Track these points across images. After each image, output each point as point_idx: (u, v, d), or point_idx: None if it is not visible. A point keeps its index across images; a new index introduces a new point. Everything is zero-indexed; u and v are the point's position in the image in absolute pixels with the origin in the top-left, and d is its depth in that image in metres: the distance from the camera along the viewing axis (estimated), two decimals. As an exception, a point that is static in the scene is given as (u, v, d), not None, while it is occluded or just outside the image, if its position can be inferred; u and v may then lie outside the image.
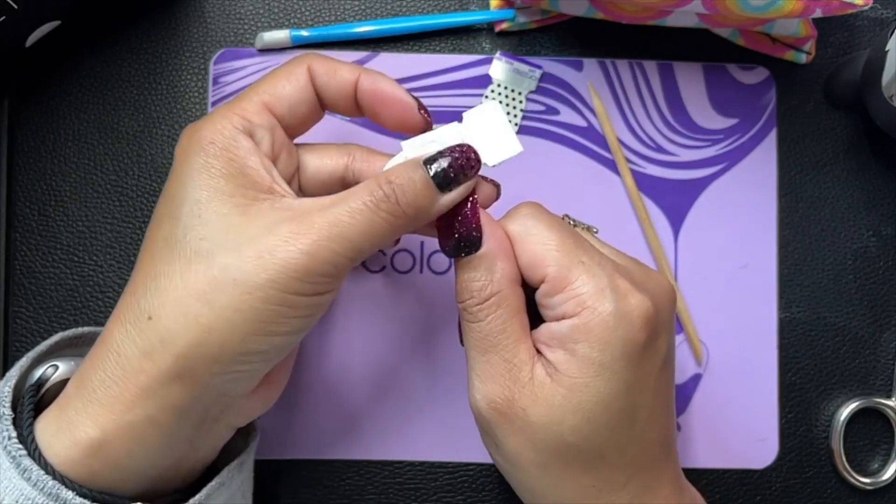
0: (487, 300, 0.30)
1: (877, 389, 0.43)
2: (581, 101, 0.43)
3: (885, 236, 0.43)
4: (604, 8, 0.41)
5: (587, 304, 0.30)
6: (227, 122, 0.30)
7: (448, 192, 0.30)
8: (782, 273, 0.43)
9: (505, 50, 0.44)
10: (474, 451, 0.42)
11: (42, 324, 0.42)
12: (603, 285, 0.30)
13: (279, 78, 0.32)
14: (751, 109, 0.44)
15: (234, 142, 0.30)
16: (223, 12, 0.44)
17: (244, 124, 0.30)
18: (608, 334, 0.29)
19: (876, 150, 0.44)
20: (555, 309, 0.30)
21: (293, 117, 0.32)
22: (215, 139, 0.29)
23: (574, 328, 0.30)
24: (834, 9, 0.37)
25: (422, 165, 0.30)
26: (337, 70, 0.32)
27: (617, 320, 0.29)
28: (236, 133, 0.30)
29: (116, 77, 0.43)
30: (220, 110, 0.31)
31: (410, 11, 0.44)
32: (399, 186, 0.29)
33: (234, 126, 0.30)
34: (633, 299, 0.30)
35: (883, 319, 0.43)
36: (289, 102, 0.32)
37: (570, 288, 0.30)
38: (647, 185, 0.43)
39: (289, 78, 0.32)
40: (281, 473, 0.41)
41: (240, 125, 0.30)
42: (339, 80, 0.32)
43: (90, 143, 0.43)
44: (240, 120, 0.30)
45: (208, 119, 0.30)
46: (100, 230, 0.43)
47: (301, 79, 0.32)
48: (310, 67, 0.32)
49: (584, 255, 0.31)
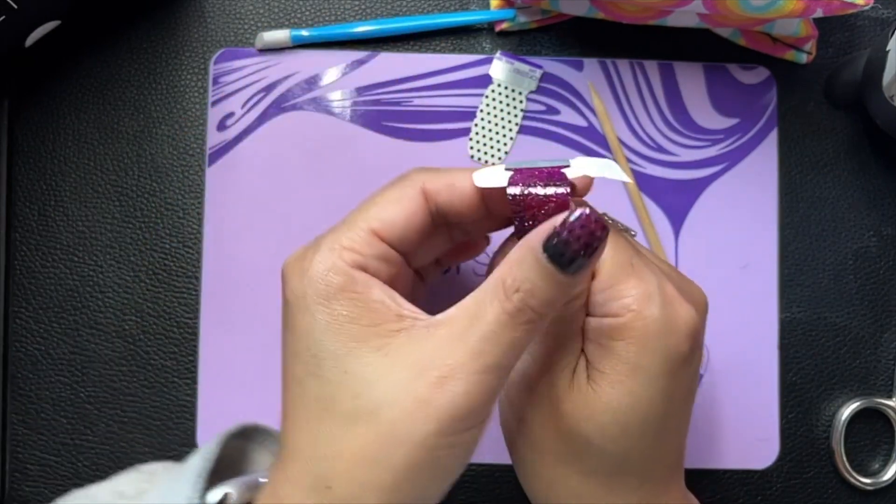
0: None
1: (877, 390, 0.43)
2: (581, 101, 0.43)
3: (886, 236, 0.43)
4: (604, 8, 0.41)
5: (633, 306, 0.28)
6: (338, 260, 0.28)
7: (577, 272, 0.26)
8: (783, 273, 0.43)
9: (505, 50, 0.44)
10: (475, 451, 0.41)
11: (42, 324, 0.42)
12: (652, 290, 0.28)
13: (388, 201, 0.30)
14: (751, 109, 0.44)
15: (350, 280, 0.28)
16: (223, 12, 0.44)
17: (356, 259, 0.28)
18: (650, 340, 0.28)
19: (876, 150, 0.44)
20: (602, 306, 0.29)
21: (404, 243, 0.30)
22: (331, 281, 0.28)
23: (616, 327, 0.28)
24: (835, 9, 0.37)
25: (542, 256, 0.26)
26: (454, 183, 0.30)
27: (662, 327, 0.28)
28: (349, 270, 0.28)
29: (116, 77, 0.43)
30: (326, 242, 0.29)
31: (410, 11, 0.44)
32: (527, 293, 0.26)
33: (345, 262, 0.28)
34: (680, 308, 0.29)
35: (884, 319, 0.43)
36: (400, 230, 0.29)
37: (618, 287, 0.29)
38: (648, 184, 0.43)
39: (400, 202, 0.29)
40: (281, 474, 0.41)
41: (351, 260, 0.28)
42: (460, 192, 0.30)
43: (90, 143, 0.43)
44: (350, 254, 0.28)
45: (316, 254, 0.28)
46: (100, 230, 0.43)
47: (413, 202, 0.30)
48: (425, 189, 0.30)
49: (635, 257, 0.29)
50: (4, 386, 0.42)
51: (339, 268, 0.28)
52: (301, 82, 0.43)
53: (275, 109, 0.43)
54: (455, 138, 0.43)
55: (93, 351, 0.42)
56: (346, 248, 0.28)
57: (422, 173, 0.30)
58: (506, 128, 0.43)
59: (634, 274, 0.29)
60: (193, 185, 0.43)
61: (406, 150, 0.43)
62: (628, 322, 0.28)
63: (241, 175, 0.43)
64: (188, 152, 0.43)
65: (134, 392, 0.42)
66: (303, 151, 0.43)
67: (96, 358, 0.42)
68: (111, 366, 0.42)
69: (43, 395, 0.42)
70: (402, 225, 0.29)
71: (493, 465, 0.42)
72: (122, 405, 0.42)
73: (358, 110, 0.43)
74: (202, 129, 0.43)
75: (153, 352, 0.42)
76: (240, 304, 0.42)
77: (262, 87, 0.43)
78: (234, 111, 0.43)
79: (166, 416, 0.42)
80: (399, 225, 0.29)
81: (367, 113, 0.43)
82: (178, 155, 0.43)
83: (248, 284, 0.42)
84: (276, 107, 0.43)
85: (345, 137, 0.43)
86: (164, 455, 0.42)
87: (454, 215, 0.30)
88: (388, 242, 0.29)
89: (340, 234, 0.29)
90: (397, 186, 0.30)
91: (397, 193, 0.30)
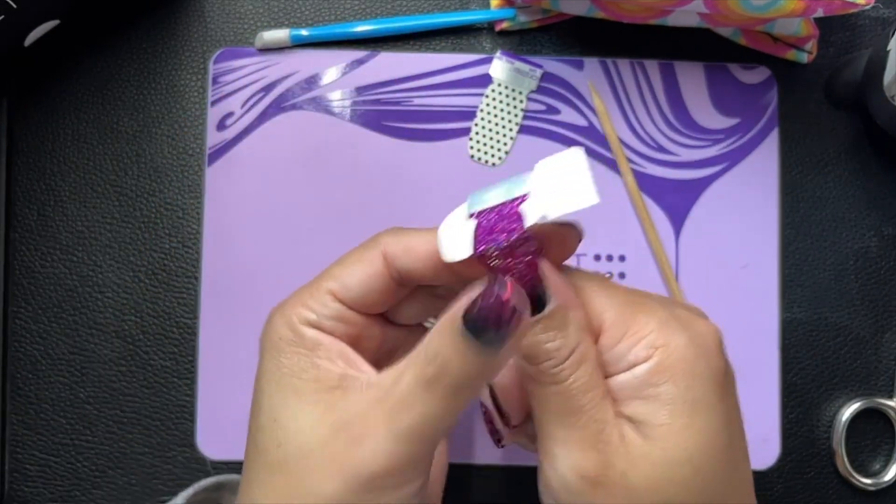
0: (567, 359, 0.27)
1: (878, 390, 0.43)
2: (582, 101, 0.43)
3: (887, 236, 0.43)
4: (605, 7, 0.41)
5: (658, 342, 0.26)
6: (294, 316, 0.29)
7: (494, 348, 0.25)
8: (784, 273, 0.43)
9: (505, 49, 0.44)
10: (474, 451, 0.41)
11: (41, 324, 0.42)
12: (666, 317, 0.27)
13: (350, 262, 0.30)
14: (752, 109, 0.43)
15: (299, 337, 0.29)
16: (223, 12, 0.44)
17: (309, 317, 0.29)
18: (691, 367, 0.26)
19: (877, 150, 0.44)
20: (623, 359, 0.27)
21: (364, 304, 0.30)
22: (283, 335, 0.29)
23: (651, 372, 0.26)
24: (835, 8, 0.37)
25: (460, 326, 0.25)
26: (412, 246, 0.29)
27: (695, 349, 0.26)
28: (300, 327, 0.29)
29: (116, 77, 0.43)
30: (292, 299, 0.30)
31: (410, 11, 0.44)
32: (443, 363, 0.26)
33: (298, 319, 0.29)
34: (699, 324, 0.27)
35: (885, 319, 0.43)
36: (358, 291, 0.29)
37: (632, 331, 0.27)
38: (648, 184, 0.43)
39: (360, 263, 0.30)
40: (281, 474, 0.41)
41: (303, 319, 0.29)
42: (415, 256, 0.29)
43: (89, 143, 0.43)
44: (304, 312, 0.29)
45: (281, 308, 0.30)
46: (99, 230, 0.43)
47: (372, 266, 0.29)
48: (385, 252, 0.29)
49: (632, 294, 0.28)
50: (4, 386, 0.42)
51: (291, 324, 0.29)
52: (301, 82, 0.43)
53: (274, 109, 0.43)
54: (455, 138, 0.43)
55: (92, 351, 0.42)
56: (303, 307, 0.29)
57: (385, 235, 0.30)
58: (506, 127, 0.43)
59: (643, 309, 0.27)
60: (193, 185, 0.43)
61: (406, 150, 0.43)
62: (661, 360, 0.26)
63: (241, 175, 0.43)
64: (188, 152, 0.43)
65: (133, 392, 0.42)
66: (302, 151, 0.43)
67: (96, 358, 0.42)
68: (111, 366, 0.42)
69: (42, 395, 0.42)
70: (359, 287, 0.29)
71: (493, 466, 0.42)
72: (122, 405, 0.42)
73: (358, 110, 0.43)
74: (202, 128, 0.43)
75: (152, 352, 0.42)
76: (239, 305, 0.42)
77: (262, 86, 0.43)
78: (234, 111, 0.43)
79: (166, 416, 0.42)
80: (356, 287, 0.29)
81: (367, 113, 0.43)
82: (178, 155, 0.43)
83: (248, 284, 0.42)
84: (275, 106, 0.43)
85: (345, 137, 0.43)
86: (164, 455, 0.42)
87: (418, 278, 0.30)
88: (345, 303, 0.29)
89: (305, 291, 0.30)
90: (360, 248, 0.30)
91: (358, 255, 0.30)
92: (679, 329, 0.26)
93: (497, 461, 0.41)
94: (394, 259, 0.29)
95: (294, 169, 0.43)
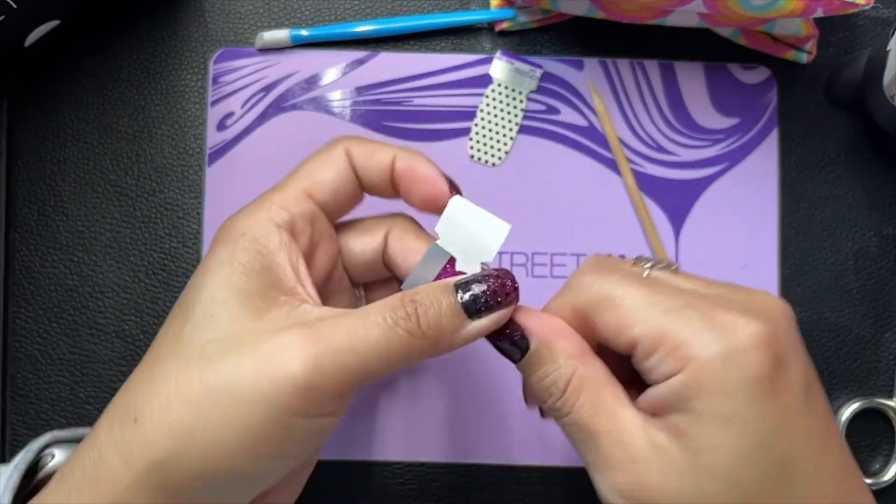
0: (565, 390, 0.27)
1: (878, 390, 0.43)
2: (582, 101, 0.43)
3: (887, 236, 0.43)
4: (605, 7, 0.41)
5: (688, 354, 0.25)
6: (264, 214, 0.29)
7: (478, 319, 0.27)
8: (783, 273, 0.43)
9: (505, 49, 0.44)
10: (474, 451, 0.41)
11: (41, 324, 0.42)
12: (699, 327, 0.26)
13: (318, 163, 0.31)
14: (752, 109, 0.43)
15: (266, 234, 0.28)
16: (223, 12, 0.44)
17: (282, 215, 0.29)
18: (722, 381, 0.25)
19: (877, 150, 0.44)
20: (656, 370, 0.26)
21: (335, 203, 0.31)
22: (247, 230, 0.28)
23: (683, 386, 0.25)
24: (835, 8, 0.37)
25: (451, 289, 0.27)
26: (374, 152, 0.31)
27: (727, 360, 0.25)
28: (271, 226, 0.28)
29: (116, 77, 0.43)
30: (259, 200, 0.29)
31: (410, 11, 0.44)
32: (423, 307, 0.27)
33: (270, 217, 0.28)
34: (739, 330, 0.25)
35: (884, 319, 0.43)
36: (331, 188, 0.30)
37: (664, 343, 0.26)
38: (648, 184, 0.43)
39: (328, 162, 0.30)
40: (281, 474, 0.41)
41: (278, 217, 0.29)
42: (377, 161, 0.30)
43: (90, 143, 0.43)
44: (278, 210, 0.29)
45: (247, 208, 0.29)
46: (99, 230, 0.43)
47: (340, 163, 0.30)
48: (347, 150, 0.31)
49: (667, 301, 0.27)
50: (4, 386, 0.42)
51: (261, 221, 0.28)
52: (301, 82, 0.43)
53: (275, 109, 0.43)
54: (455, 138, 0.43)
55: (92, 351, 0.42)
56: (276, 205, 0.29)
57: (347, 139, 0.31)
58: (506, 128, 0.43)
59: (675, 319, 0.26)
60: (193, 185, 0.43)
61: (406, 150, 0.43)
62: (691, 375, 0.25)
63: (241, 175, 0.43)
64: (188, 152, 0.43)
65: (134, 392, 0.42)
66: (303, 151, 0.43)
67: (96, 358, 0.42)
68: (111, 366, 0.42)
69: (42, 395, 0.42)
70: (332, 183, 0.30)
71: (493, 466, 0.42)
72: (122, 405, 0.42)
73: (358, 110, 0.43)
74: (202, 128, 0.43)
75: (153, 352, 0.42)
76: (239, 304, 0.42)
77: (262, 86, 0.43)
78: (234, 111, 0.43)
79: (166, 416, 0.42)
80: (328, 183, 0.30)
81: (367, 113, 0.43)
82: (178, 155, 0.43)
83: (248, 284, 0.42)
84: (275, 107, 0.43)
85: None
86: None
87: (368, 183, 0.31)
88: (318, 202, 0.30)
89: (273, 192, 0.30)
90: (325, 150, 0.31)
91: (324, 157, 0.31)
92: (711, 339, 0.25)
93: (499, 461, 0.41)
94: (356, 158, 0.31)
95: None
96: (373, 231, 0.32)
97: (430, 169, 0.30)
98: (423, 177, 0.30)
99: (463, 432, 0.41)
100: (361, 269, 0.32)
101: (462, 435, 0.41)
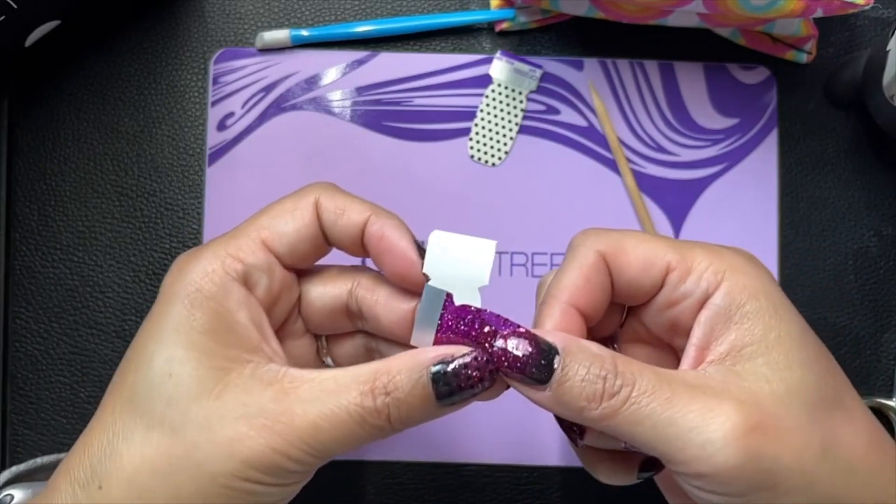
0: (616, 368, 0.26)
1: (878, 390, 0.43)
2: (582, 101, 0.43)
3: (886, 236, 0.43)
4: (604, 8, 0.41)
5: (721, 268, 0.27)
6: (219, 266, 0.27)
7: (448, 405, 0.27)
8: (783, 273, 0.43)
9: (505, 49, 0.44)
10: (475, 451, 0.41)
11: (42, 324, 0.42)
12: (713, 247, 0.28)
13: (281, 212, 0.29)
14: (752, 109, 0.44)
15: (223, 291, 0.27)
16: (223, 12, 0.44)
17: (237, 268, 0.28)
18: (758, 280, 0.27)
19: (877, 150, 0.44)
20: (695, 291, 0.27)
21: (294, 255, 0.29)
22: (203, 286, 0.27)
23: (730, 294, 0.27)
24: (835, 8, 0.37)
25: (428, 380, 0.26)
26: (346, 209, 0.29)
27: (754, 265, 0.28)
28: (227, 280, 0.27)
29: (116, 77, 0.43)
30: (213, 247, 0.28)
31: (410, 11, 0.44)
32: (395, 401, 0.26)
33: (225, 271, 0.27)
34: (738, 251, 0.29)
35: (884, 319, 0.43)
36: (290, 240, 0.29)
37: (696, 264, 0.28)
38: (648, 184, 0.43)
39: (293, 213, 0.29)
40: (281, 474, 0.41)
41: (232, 270, 0.27)
42: (346, 221, 0.29)
43: (90, 143, 0.43)
44: (233, 262, 0.28)
45: (200, 256, 0.28)
46: (100, 230, 0.43)
47: (306, 215, 0.29)
48: (317, 202, 0.29)
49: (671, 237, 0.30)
50: (4, 386, 0.42)
51: (216, 276, 0.27)
52: (301, 82, 0.43)
53: (275, 109, 0.43)
54: (455, 138, 0.43)
55: (93, 351, 0.42)
56: (231, 256, 0.28)
57: (320, 189, 0.29)
58: (506, 128, 0.43)
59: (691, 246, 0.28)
60: (193, 185, 0.43)
61: (406, 150, 0.43)
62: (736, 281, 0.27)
63: (241, 175, 0.43)
64: (188, 152, 0.43)
65: (134, 392, 0.42)
66: (303, 151, 0.43)
67: (96, 358, 0.42)
68: (111, 366, 0.42)
69: (43, 395, 0.42)
70: (291, 236, 0.29)
71: (492, 465, 0.42)
72: (122, 405, 0.42)
73: (358, 110, 0.43)
74: (202, 128, 0.43)
75: (153, 352, 0.42)
76: (240, 304, 0.42)
77: (262, 86, 0.43)
78: (234, 111, 0.43)
79: (166, 416, 0.42)
80: (287, 236, 0.29)
81: (367, 113, 0.43)
82: (178, 155, 0.43)
83: (248, 284, 0.42)
84: (276, 107, 0.43)
85: (345, 137, 0.43)
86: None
87: (335, 241, 0.30)
88: (275, 253, 0.29)
89: (230, 239, 0.28)
90: (293, 197, 0.29)
91: (291, 206, 0.29)
92: (730, 253, 0.28)
93: (504, 461, 0.41)
94: (325, 215, 0.29)
95: (294, 169, 0.43)
96: (335, 280, 0.31)
97: (402, 240, 0.29)
98: (393, 248, 0.28)
99: (461, 432, 0.41)
100: (320, 319, 0.31)
101: (461, 435, 0.41)
